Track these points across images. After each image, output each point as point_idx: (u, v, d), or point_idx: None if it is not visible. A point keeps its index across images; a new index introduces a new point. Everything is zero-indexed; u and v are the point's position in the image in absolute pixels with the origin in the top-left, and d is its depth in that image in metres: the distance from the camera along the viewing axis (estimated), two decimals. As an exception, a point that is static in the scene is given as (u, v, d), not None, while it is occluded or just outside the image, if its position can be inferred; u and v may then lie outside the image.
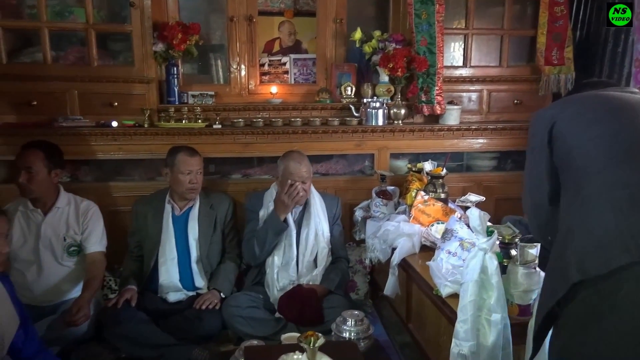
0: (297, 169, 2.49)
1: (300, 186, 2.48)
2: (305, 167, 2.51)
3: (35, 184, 2.33)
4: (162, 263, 2.49)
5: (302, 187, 2.49)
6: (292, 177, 2.48)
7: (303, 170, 2.50)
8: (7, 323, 1.68)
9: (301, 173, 2.49)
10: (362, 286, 2.93)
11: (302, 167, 2.50)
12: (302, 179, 2.49)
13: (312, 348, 1.22)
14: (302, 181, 2.49)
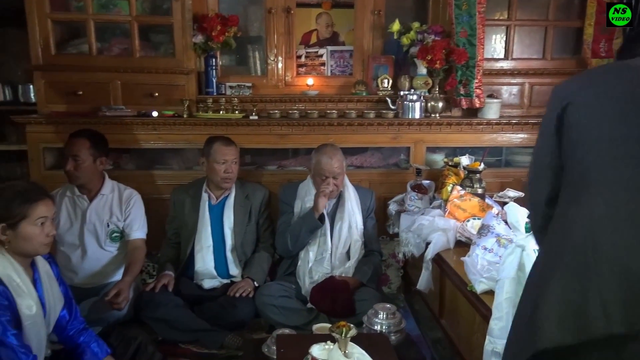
0: (329, 164, 2.49)
1: (331, 182, 2.48)
2: (337, 162, 2.51)
3: (82, 171, 2.42)
4: (198, 250, 2.55)
5: (334, 182, 2.49)
6: (323, 172, 2.49)
7: (335, 166, 2.50)
8: (53, 302, 1.76)
9: (332, 169, 2.49)
10: (395, 280, 2.91)
11: (334, 162, 2.50)
12: (333, 174, 2.49)
13: (344, 338, 1.22)
14: (333, 176, 2.49)
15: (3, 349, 1.52)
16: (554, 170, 1.02)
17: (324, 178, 2.49)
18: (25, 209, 1.60)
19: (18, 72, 3.17)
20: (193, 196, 2.62)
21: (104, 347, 1.86)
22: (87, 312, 2.23)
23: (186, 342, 2.33)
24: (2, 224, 1.59)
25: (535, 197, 1.10)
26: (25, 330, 1.62)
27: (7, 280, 1.58)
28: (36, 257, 1.73)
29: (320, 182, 2.50)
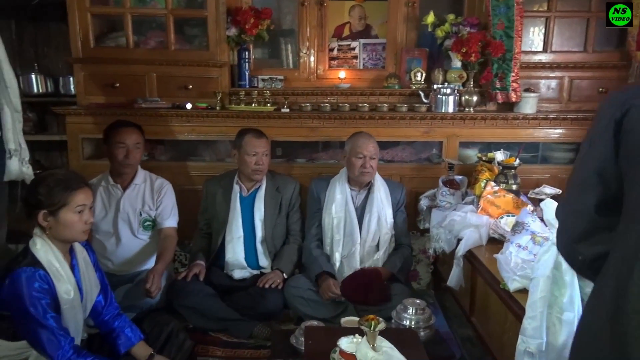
0: (366, 143, 2.50)
1: (369, 163, 2.47)
2: (373, 144, 2.52)
3: (136, 160, 2.52)
4: (228, 241, 2.58)
5: (370, 164, 2.48)
6: (361, 150, 2.48)
7: (372, 146, 2.50)
8: (90, 288, 1.81)
9: (370, 148, 2.50)
10: (425, 276, 2.88)
11: (371, 142, 2.51)
12: (371, 154, 2.49)
13: (373, 331, 1.22)
14: (370, 157, 2.48)
15: (43, 331, 1.58)
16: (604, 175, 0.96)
17: (361, 157, 2.48)
18: (66, 196, 1.65)
19: (59, 65, 3.27)
20: (225, 188, 2.65)
21: (137, 332, 1.91)
22: (121, 299, 2.30)
23: (216, 330, 2.37)
24: (44, 210, 1.64)
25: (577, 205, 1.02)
26: (64, 313, 1.67)
27: (47, 265, 1.64)
28: (74, 244, 1.78)
29: (357, 163, 2.49)
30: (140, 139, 2.54)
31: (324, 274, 2.48)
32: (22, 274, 1.59)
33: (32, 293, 1.58)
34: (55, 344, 1.59)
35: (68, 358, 1.61)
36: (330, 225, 2.59)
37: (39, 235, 1.67)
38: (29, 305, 1.57)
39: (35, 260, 1.62)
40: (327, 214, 2.61)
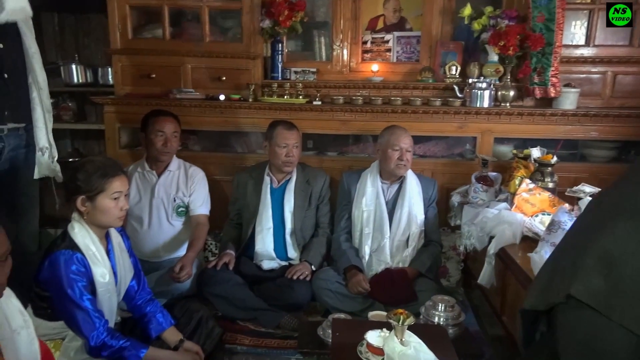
0: (403, 136, 2.48)
1: (406, 156, 2.46)
2: (409, 137, 2.50)
3: (173, 149, 2.58)
4: (258, 232, 2.60)
5: (407, 156, 2.46)
6: (397, 142, 2.46)
7: (407, 139, 2.49)
8: (124, 272, 1.87)
9: (406, 140, 2.48)
10: (455, 273, 2.84)
11: (407, 136, 2.49)
12: (407, 147, 2.47)
13: (401, 326, 1.20)
14: (406, 149, 2.47)
15: (79, 312, 1.64)
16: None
17: (397, 150, 2.46)
18: (103, 183, 1.70)
19: (99, 56, 3.36)
20: (256, 179, 2.68)
21: (168, 317, 1.96)
22: (153, 285, 2.35)
23: (244, 319, 2.40)
24: (82, 196, 1.69)
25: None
26: (99, 296, 1.73)
27: (84, 248, 1.69)
28: (110, 230, 1.84)
29: (393, 156, 2.47)
30: (177, 128, 2.59)
31: (352, 267, 2.47)
32: (60, 256, 1.65)
33: (70, 275, 1.63)
34: (90, 324, 1.64)
35: (102, 339, 1.66)
36: (360, 219, 2.58)
37: (77, 220, 1.72)
38: (67, 287, 1.62)
39: (73, 244, 1.68)
40: (357, 207, 2.60)
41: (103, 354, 1.67)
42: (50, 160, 2.09)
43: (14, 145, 2.02)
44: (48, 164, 2.08)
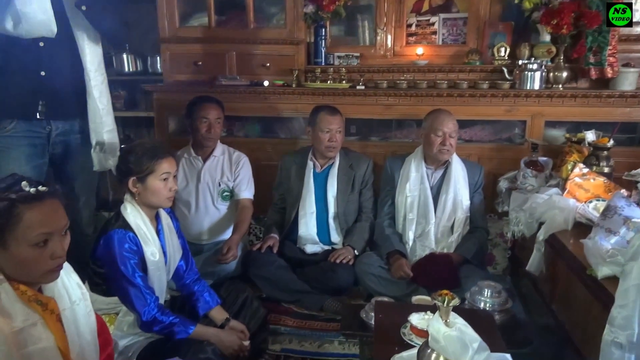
0: (446, 120, 2.43)
1: (449, 141, 2.41)
2: (453, 122, 2.44)
3: (217, 134, 2.64)
4: (301, 216, 2.63)
5: (450, 141, 2.41)
6: (441, 127, 2.42)
7: (452, 123, 2.43)
8: (173, 252, 1.93)
9: (450, 125, 2.43)
10: (501, 261, 2.77)
11: (451, 120, 2.44)
12: (450, 132, 2.42)
13: (446, 307, 1.19)
14: (449, 134, 2.41)
15: (131, 288, 1.71)
16: None
17: (440, 135, 2.42)
18: (152, 164, 1.76)
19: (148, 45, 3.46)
20: (299, 163, 2.70)
21: (215, 297, 2.02)
22: (200, 266, 2.41)
23: (288, 301, 2.44)
24: (133, 177, 1.76)
25: None
26: (150, 274, 1.80)
27: (136, 228, 1.76)
28: (160, 210, 1.90)
29: (436, 141, 2.43)
30: (221, 114, 2.64)
31: (395, 252, 2.46)
32: (114, 235, 1.72)
33: (123, 253, 1.71)
34: (142, 300, 1.71)
35: (153, 315, 1.73)
36: (404, 204, 2.56)
37: (129, 201, 1.80)
38: (120, 264, 1.70)
39: (126, 223, 1.75)
40: (400, 193, 2.58)
41: (154, 329, 1.75)
42: (105, 157, 2.16)
43: (62, 130, 2.12)
44: (100, 160, 2.15)
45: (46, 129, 2.07)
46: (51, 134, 2.09)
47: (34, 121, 2.03)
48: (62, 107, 2.06)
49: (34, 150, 2.06)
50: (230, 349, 1.85)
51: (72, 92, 2.03)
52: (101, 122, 2.11)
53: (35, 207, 1.12)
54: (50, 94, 2.02)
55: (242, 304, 2.10)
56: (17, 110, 2.01)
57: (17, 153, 1.99)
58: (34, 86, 1.99)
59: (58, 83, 2.02)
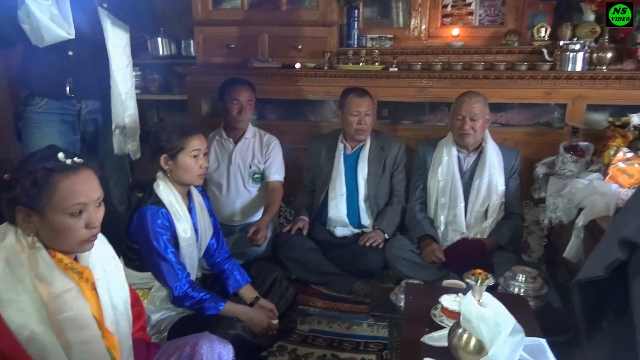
0: (466, 103, 2.34)
1: (468, 125, 2.33)
2: (476, 104, 2.34)
3: (248, 116, 2.65)
4: (331, 198, 2.61)
5: (470, 125, 2.33)
6: (459, 112, 2.35)
7: (473, 106, 2.33)
8: (204, 230, 1.95)
9: (470, 108, 2.33)
10: (537, 249, 2.69)
11: (473, 102, 2.34)
12: (471, 114, 2.33)
13: (479, 286, 1.15)
14: (470, 118, 2.33)
15: (164, 263, 1.74)
16: None
17: (459, 118, 2.35)
18: (183, 141, 1.78)
19: (182, 28, 3.49)
20: (329, 146, 2.67)
21: (245, 276, 2.03)
22: (231, 246, 2.44)
23: (317, 283, 2.44)
24: (165, 154, 1.79)
25: None
26: (181, 250, 1.82)
27: (168, 204, 1.79)
28: (191, 188, 1.92)
29: (455, 125, 2.37)
30: (252, 97, 2.64)
31: (427, 237, 2.42)
32: (147, 211, 1.75)
33: (156, 229, 1.74)
34: (173, 275, 1.74)
35: (184, 290, 1.76)
36: (436, 189, 2.51)
37: (162, 178, 1.82)
38: (153, 239, 1.73)
39: (158, 200, 1.78)
40: (432, 177, 2.53)
41: (185, 304, 1.78)
42: (125, 140, 2.16)
43: (92, 109, 2.16)
44: (119, 143, 2.16)
45: (76, 106, 2.11)
46: (81, 112, 2.13)
47: (63, 99, 2.08)
48: (89, 86, 2.09)
49: (66, 127, 2.11)
50: (259, 326, 1.87)
51: (99, 73, 2.05)
52: (122, 106, 2.10)
53: (71, 178, 1.14)
54: (78, 73, 2.05)
55: (271, 284, 2.11)
56: (47, 88, 2.06)
57: (49, 129, 2.04)
58: (62, 65, 2.02)
59: (85, 63, 2.05)
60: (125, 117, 2.12)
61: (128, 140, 2.17)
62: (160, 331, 1.78)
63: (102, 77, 2.05)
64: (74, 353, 1.12)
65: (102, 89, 2.07)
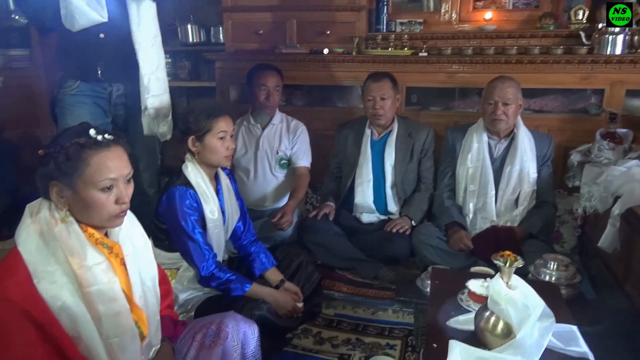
0: (498, 87, 2.27)
1: (500, 110, 2.26)
2: (509, 88, 2.27)
3: (275, 102, 2.66)
4: (358, 184, 2.59)
5: (502, 110, 2.26)
6: (492, 96, 2.28)
7: (506, 90, 2.26)
8: (231, 212, 1.97)
9: (502, 92, 2.26)
10: (569, 239, 2.61)
11: (506, 85, 2.27)
12: (503, 99, 2.26)
13: (508, 268, 1.12)
14: (503, 102, 2.26)
15: (191, 243, 1.77)
16: None
17: (491, 103, 2.28)
18: (209, 123, 1.80)
19: (211, 15, 3.51)
20: (356, 132, 2.65)
21: (271, 259, 2.05)
22: (257, 231, 2.45)
23: (342, 268, 2.44)
24: (192, 136, 1.81)
25: None
26: (209, 231, 1.85)
27: (196, 186, 1.81)
28: (219, 171, 1.94)
29: (487, 109, 2.30)
30: (280, 82, 2.65)
31: (454, 224, 2.38)
32: (176, 191, 1.78)
33: (184, 209, 1.76)
34: (200, 255, 1.77)
35: (211, 271, 1.78)
36: (465, 176, 2.46)
37: (190, 160, 1.84)
38: (181, 219, 1.76)
39: (187, 181, 1.80)
40: (462, 164, 2.48)
41: (212, 284, 1.80)
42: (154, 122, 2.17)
43: (122, 92, 2.19)
44: (149, 124, 2.18)
45: (107, 89, 2.15)
46: (112, 95, 2.17)
47: (95, 82, 2.12)
48: (119, 69, 2.13)
49: (98, 109, 2.16)
50: (284, 309, 1.88)
51: (128, 56, 2.08)
52: (146, 87, 2.10)
53: (101, 153, 1.17)
54: (108, 56, 2.09)
55: (297, 268, 2.11)
56: (79, 71, 2.11)
57: (82, 111, 2.08)
58: (93, 48, 2.06)
59: (116, 46, 2.08)
60: (148, 98, 2.11)
61: (158, 121, 2.18)
62: (188, 310, 1.81)
63: (131, 60, 2.08)
64: (104, 325, 1.15)
65: (131, 72, 2.10)
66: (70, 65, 2.12)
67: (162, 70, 2.17)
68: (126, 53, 2.09)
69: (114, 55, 2.10)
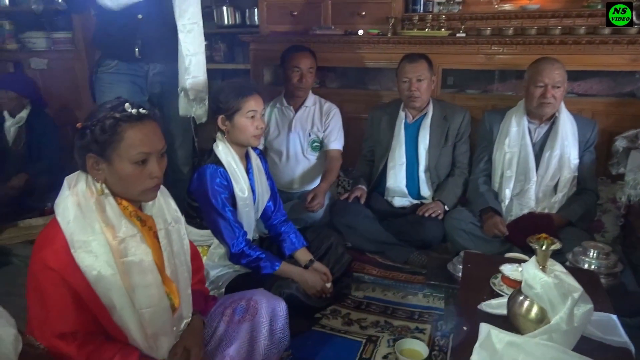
0: (548, 69, 2.17)
1: (550, 93, 2.16)
2: (558, 70, 2.17)
3: (308, 84, 2.64)
4: (390, 167, 2.56)
5: (552, 93, 2.17)
6: (541, 78, 2.18)
7: (556, 72, 2.16)
8: (261, 191, 1.98)
9: (552, 74, 2.16)
10: (611, 229, 2.50)
11: (555, 68, 2.17)
12: (554, 82, 2.16)
13: (544, 251, 1.08)
14: (552, 85, 2.17)
15: (222, 221, 1.79)
16: None
17: (541, 86, 2.18)
18: (239, 102, 1.80)
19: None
20: (390, 114, 2.61)
21: (301, 239, 2.05)
22: (288, 212, 2.45)
23: (372, 252, 2.43)
24: (222, 115, 1.82)
25: None
26: (239, 209, 1.87)
27: (227, 164, 1.83)
28: (249, 151, 1.95)
29: (536, 92, 2.20)
30: (313, 64, 2.62)
31: (489, 209, 2.32)
32: (207, 169, 1.80)
33: (214, 187, 1.79)
34: (231, 233, 1.79)
35: (241, 248, 1.81)
36: (502, 161, 2.38)
37: (220, 139, 1.86)
38: (211, 197, 1.78)
39: (217, 160, 1.82)
40: (499, 149, 2.40)
41: (242, 261, 1.82)
42: (190, 103, 2.17)
43: (159, 71, 2.22)
44: (185, 106, 2.19)
45: (144, 68, 2.20)
46: (148, 74, 2.21)
47: (132, 61, 2.17)
48: (156, 49, 2.16)
49: (135, 88, 2.20)
50: (313, 289, 1.89)
51: (166, 36, 2.10)
52: (185, 69, 2.11)
53: (136, 127, 1.19)
54: (146, 36, 2.12)
55: (327, 249, 2.11)
56: (117, 50, 2.16)
57: (120, 89, 2.13)
58: (131, 28, 2.10)
59: (153, 26, 2.11)
60: (187, 79, 2.12)
61: (194, 103, 2.19)
62: (218, 287, 1.84)
63: (169, 40, 2.10)
64: (137, 295, 1.18)
65: (168, 52, 2.12)
66: (109, 46, 2.17)
67: (202, 54, 2.18)
68: (163, 34, 2.11)
69: (151, 36, 2.14)
